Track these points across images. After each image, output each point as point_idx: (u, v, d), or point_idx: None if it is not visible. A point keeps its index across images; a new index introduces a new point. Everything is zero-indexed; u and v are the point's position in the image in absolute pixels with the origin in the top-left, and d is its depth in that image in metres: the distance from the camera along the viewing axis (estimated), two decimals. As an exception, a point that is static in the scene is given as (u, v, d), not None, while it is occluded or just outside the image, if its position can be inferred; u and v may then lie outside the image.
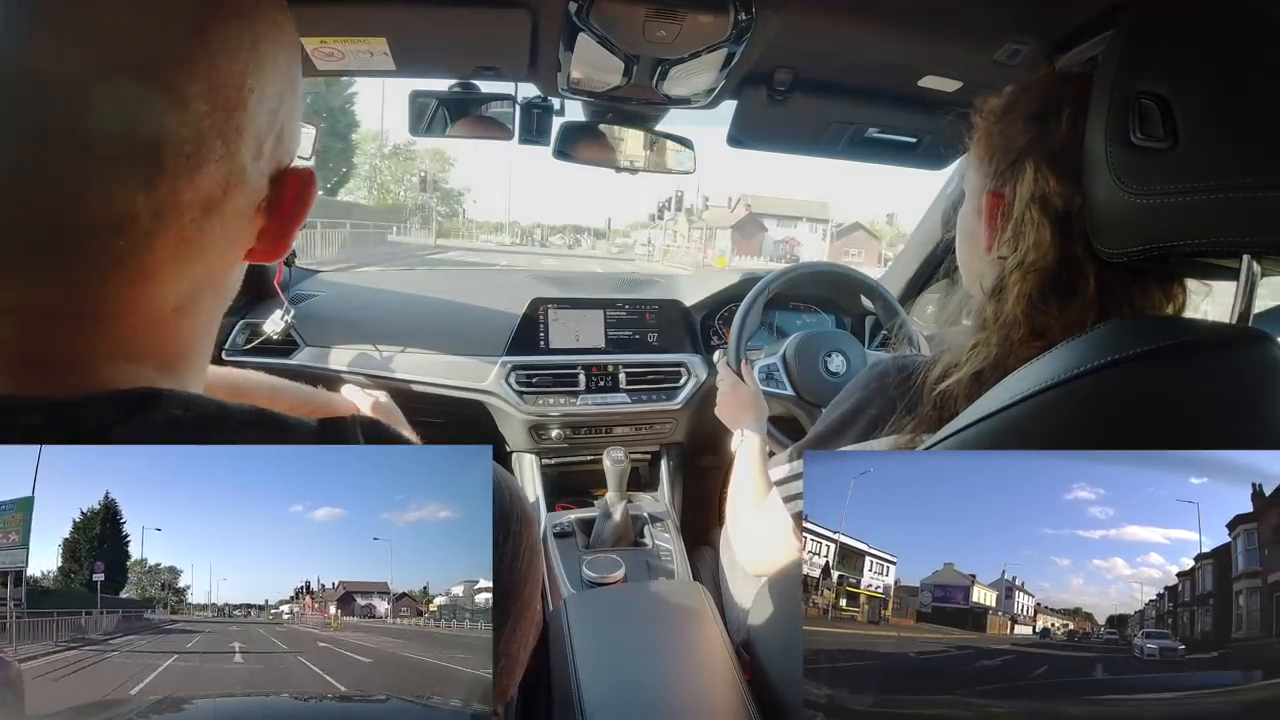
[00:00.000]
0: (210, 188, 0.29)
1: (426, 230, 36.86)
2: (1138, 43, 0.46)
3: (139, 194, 0.27)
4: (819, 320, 1.62)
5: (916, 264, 1.60)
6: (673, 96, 1.09)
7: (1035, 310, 0.53)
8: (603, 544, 1.26)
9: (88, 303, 0.29)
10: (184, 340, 0.33)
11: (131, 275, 0.29)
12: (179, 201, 0.28)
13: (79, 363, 0.29)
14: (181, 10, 0.28)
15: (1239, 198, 0.40)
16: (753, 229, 41.59)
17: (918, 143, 1.20)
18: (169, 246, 0.29)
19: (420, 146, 36.68)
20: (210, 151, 0.29)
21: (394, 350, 1.42)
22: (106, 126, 0.27)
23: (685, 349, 1.55)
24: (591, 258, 30.45)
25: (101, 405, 0.28)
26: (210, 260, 0.32)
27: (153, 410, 0.29)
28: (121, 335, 0.30)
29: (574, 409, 1.42)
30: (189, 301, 0.32)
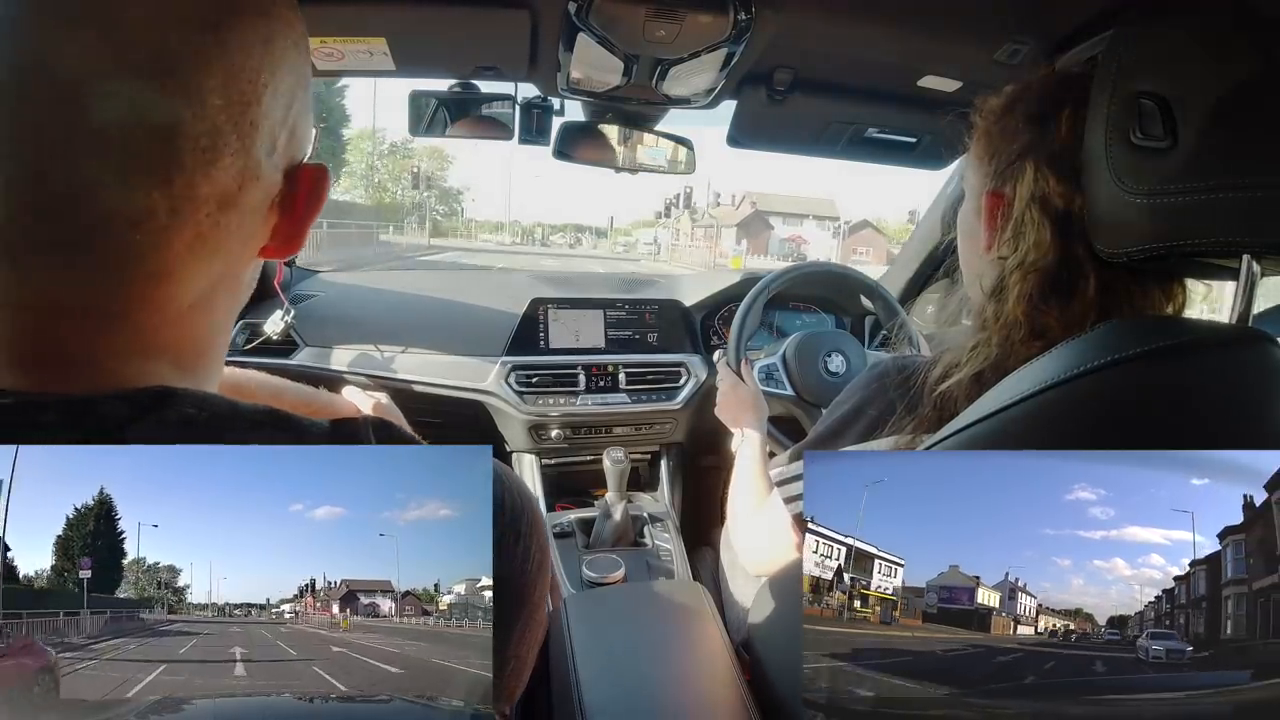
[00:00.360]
0: (226, 183, 0.29)
1: (422, 230, 35.98)
2: (1137, 43, 0.46)
3: (155, 190, 0.28)
4: (819, 320, 1.62)
5: (916, 264, 1.60)
6: (672, 96, 1.09)
7: (1035, 310, 0.53)
8: (603, 544, 1.26)
9: (104, 300, 0.29)
10: (200, 338, 0.33)
11: (148, 272, 0.29)
12: (195, 197, 0.28)
13: (95, 360, 0.29)
14: (197, 7, 0.28)
15: (1239, 198, 0.40)
16: (758, 227, 40.79)
17: (917, 143, 1.20)
18: (185, 243, 0.29)
19: (418, 144, 35.94)
20: (225, 147, 0.29)
21: (394, 350, 1.43)
22: (122, 123, 0.27)
23: (685, 349, 1.55)
24: (594, 258, 29.37)
25: (117, 404, 0.28)
26: (226, 256, 0.32)
27: (167, 409, 0.29)
28: (137, 333, 0.30)
29: (574, 409, 1.42)
30: (205, 299, 0.32)
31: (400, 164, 37.81)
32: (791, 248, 39.56)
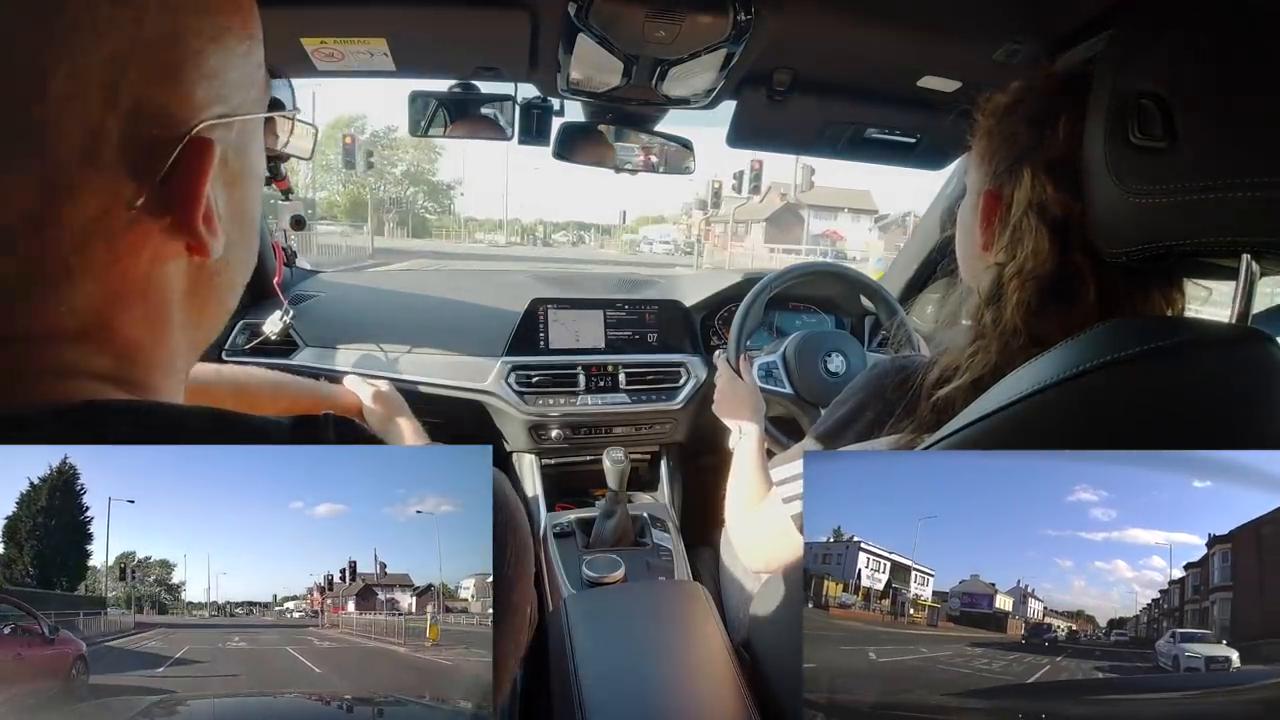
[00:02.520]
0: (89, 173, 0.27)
1: (402, 229, 32.79)
2: (1137, 42, 0.46)
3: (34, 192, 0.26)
4: (819, 320, 1.62)
5: (916, 264, 1.60)
6: (672, 97, 1.09)
7: (1034, 318, 0.53)
8: (603, 544, 1.26)
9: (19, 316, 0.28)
10: (137, 342, 0.31)
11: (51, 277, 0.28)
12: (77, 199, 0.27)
13: (20, 375, 0.28)
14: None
15: (1238, 197, 0.40)
16: (790, 221, 36.46)
17: (917, 143, 1.20)
18: (72, 245, 0.28)
19: (402, 135, 31.54)
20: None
21: (394, 350, 1.43)
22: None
23: (685, 349, 1.55)
24: (603, 261, 25.54)
25: (48, 418, 0.27)
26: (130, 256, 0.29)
27: (102, 425, 0.28)
28: (62, 342, 0.29)
29: (574, 409, 1.42)
30: (124, 302, 0.30)
31: (382, 155, 33.72)
32: (828, 243, 35.55)
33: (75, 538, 0.31)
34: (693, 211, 31.39)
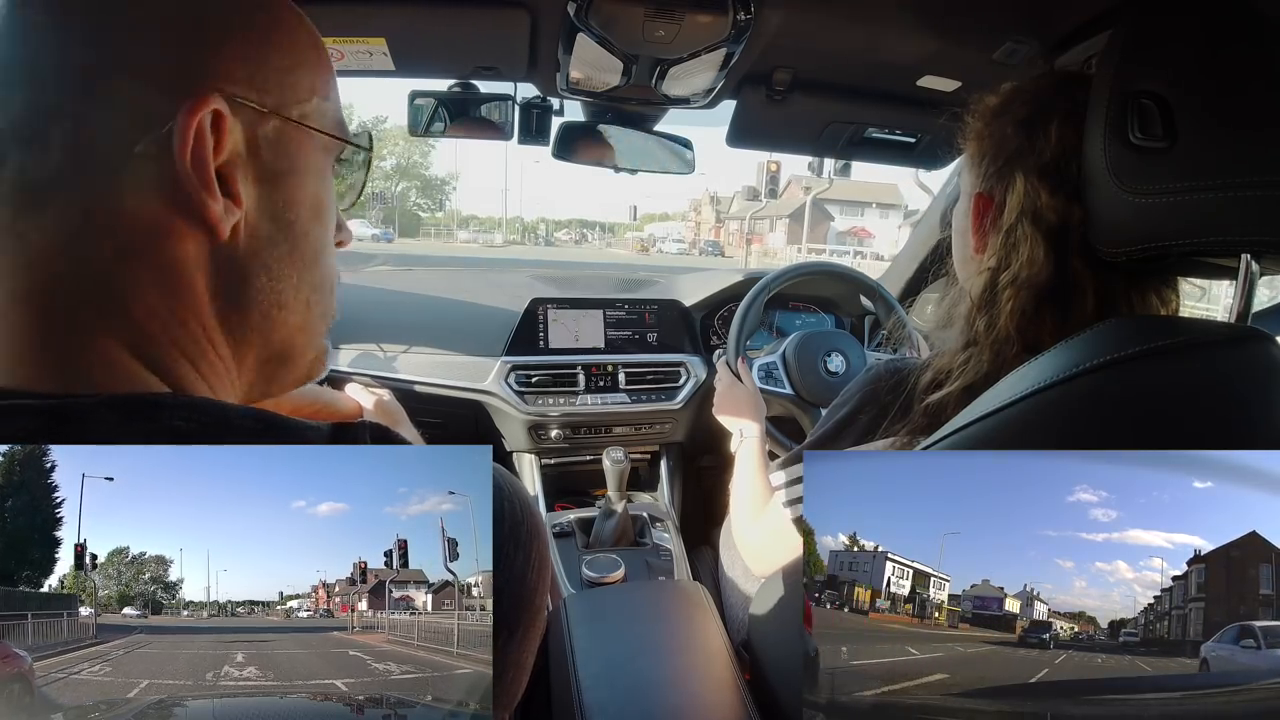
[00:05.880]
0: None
1: (391, 228, 31.15)
2: (1136, 42, 0.46)
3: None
4: (819, 320, 1.62)
5: (916, 264, 1.60)
6: (672, 96, 1.09)
7: (1029, 325, 0.52)
8: (603, 544, 1.26)
9: (98, 297, 0.29)
10: (200, 338, 0.32)
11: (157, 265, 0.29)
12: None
13: (82, 361, 0.29)
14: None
15: (1238, 197, 0.40)
16: (815, 218, 33.49)
17: (917, 142, 1.20)
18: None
19: (391, 126, 30.30)
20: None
21: (393, 350, 1.42)
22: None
23: (685, 349, 1.55)
24: (613, 265, 24.75)
25: (101, 409, 0.28)
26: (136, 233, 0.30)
27: (154, 420, 0.28)
28: (127, 333, 0.30)
29: (573, 409, 1.42)
30: (138, 272, 0.30)
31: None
32: (854, 240, 33.46)
33: (45, 527, 0.29)
34: (701, 208, 29.71)
